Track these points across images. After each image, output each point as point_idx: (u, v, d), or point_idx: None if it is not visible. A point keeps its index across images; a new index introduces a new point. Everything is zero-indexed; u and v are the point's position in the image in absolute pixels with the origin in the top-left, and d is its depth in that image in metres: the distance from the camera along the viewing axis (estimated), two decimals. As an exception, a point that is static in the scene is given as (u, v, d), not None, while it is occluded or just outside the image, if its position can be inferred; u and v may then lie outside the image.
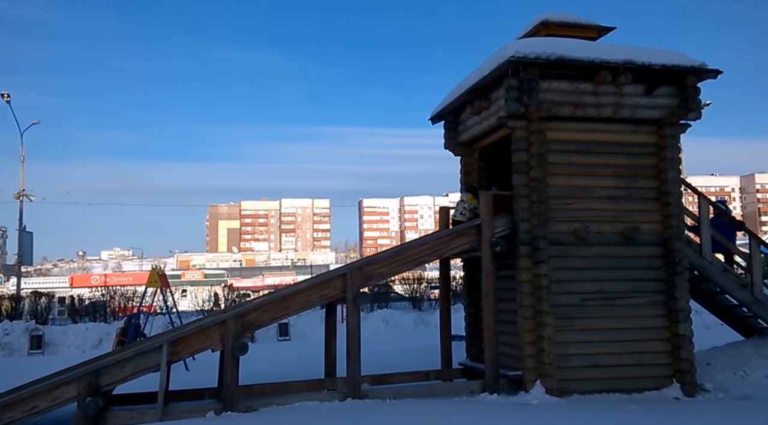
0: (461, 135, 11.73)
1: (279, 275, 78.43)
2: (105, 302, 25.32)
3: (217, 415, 8.23)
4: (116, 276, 73.47)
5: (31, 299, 24.74)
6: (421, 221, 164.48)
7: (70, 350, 18.66)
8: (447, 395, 9.37)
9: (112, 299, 25.40)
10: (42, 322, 22.33)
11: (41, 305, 24.04)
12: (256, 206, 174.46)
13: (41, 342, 18.76)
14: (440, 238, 10.13)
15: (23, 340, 18.87)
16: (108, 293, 26.09)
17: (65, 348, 19.02)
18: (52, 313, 25.98)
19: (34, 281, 67.53)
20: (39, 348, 18.60)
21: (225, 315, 9.07)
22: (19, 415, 7.84)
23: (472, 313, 11.52)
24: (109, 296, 25.70)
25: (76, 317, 24.95)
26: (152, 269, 16.18)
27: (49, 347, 18.91)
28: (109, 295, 25.76)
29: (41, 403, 7.93)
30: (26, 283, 44.62)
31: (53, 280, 76.99)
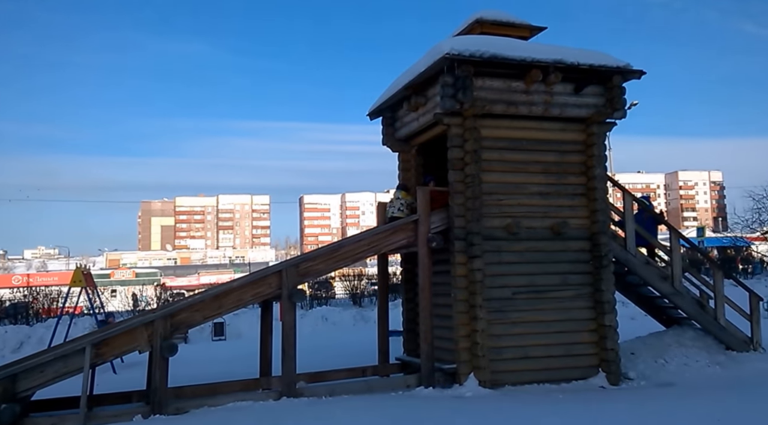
0: (399, 131, 11.78)
1: (216, 274, 76.59)
2: (27, 303, 24.05)
3: (144, 418, 7.97)
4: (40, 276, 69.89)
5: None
6: (363, 217, 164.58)
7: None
8: (383, 390, 9.40)
9: (35, 300, 24.17)
10: (-44, 326, 20.97)
11: None
12: (192, 203, 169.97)
13: (-43, 345, 17.58)
14: (377, 234, 10.14)
15: None
16: (30, 294, 24.82)
17: (-17, 351, 17.91)
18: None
19: (-51, 282, 63.39)
20: (-48, 353, 17.42)
21: (153, 315, 8.78)
22: (-74, 424, 7.36)
23: (409, 308, 11.60)
24: (32, 297, 24.44)
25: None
26: (76, 268, 15.46)
27: (-37, 352, 17.75)
28: (31, 296, 24.51)
29: (-49, 411, 7.44)
30: (-61, 284, 41.84)
31: (-30, 281, 72.49)
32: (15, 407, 7.58)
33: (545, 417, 6.99)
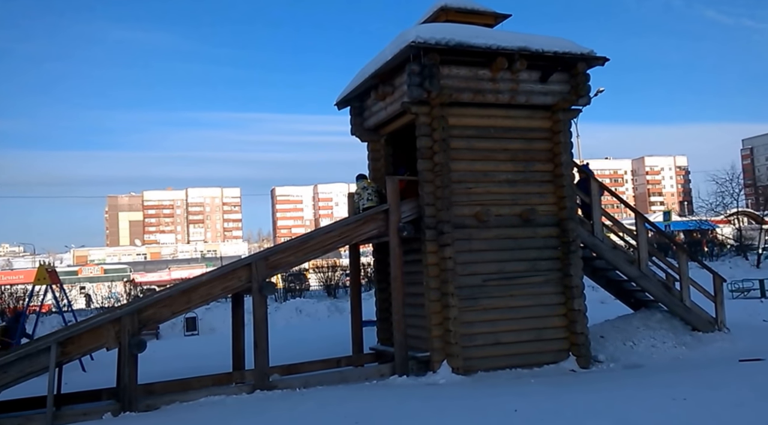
0: (367, 121, 11.73)
1: (187, 268, 75.56)
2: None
3: (114, 416, 7.87)
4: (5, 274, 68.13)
5: None
6: (336, 208, 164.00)
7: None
8: (357, 380, 9.42)
9: (0, 299, 23.63)
10: None
11: None
12: (161, 197, 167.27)
13: None
14: (348, 225, 10.11)
15: None
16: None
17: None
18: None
19: None
20: None
21: (120, 312, 8.63)
22: None
23: (382, 298, 11.62)
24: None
25: (-42, 321, 22.92)
26: (40, 265, 15.12)
27: (-76, 354, 17.24)
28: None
29: None
30: None
31: (-69, 281, 70.35)
32: (-22, 410, 7.39)
33: (517, 401, 7.07)
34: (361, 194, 10.74)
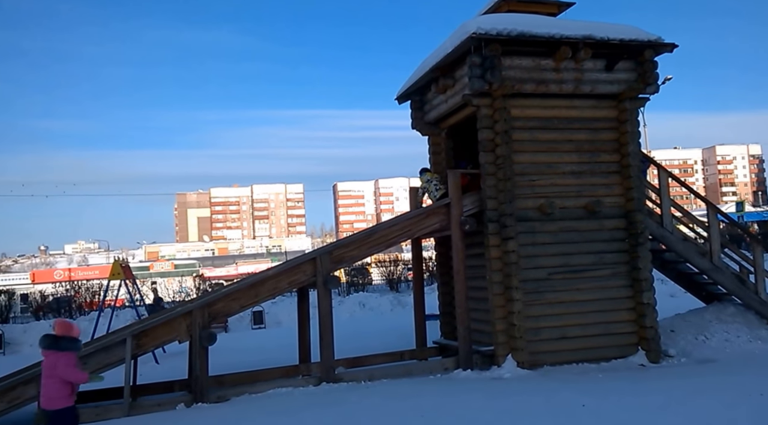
0: (428, 114, 11.69)
1: (253, 263, 77.67)
2: (70, 297, 24.81)
3: (187, 407, 8.15)
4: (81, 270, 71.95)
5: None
6: (397, 203, 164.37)
7: (33, 348, 18.15)
8: (422, 374, 9.45)
9: (77, 294, 24.91)
10: (2, 321, 21.78)
11: (1, 303, 23.41)
12: (227, 193, 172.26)
13: (1, 341, 18.24)
14: (410, 219, 10.13)
15: (-28, 340, 18.30)
16: (72, 288, 25.59)
17: (27, 346, 18.45)
18: (14, 311, 25.32)
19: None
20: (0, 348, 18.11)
21: (191, 306, 8.94)
22: (-24, 417, 7.65)
23: (445, 292, 11.60)
24: (74, 291, 25.20)
25: (39, 315, 24.37)
26: (115, 261, 15.83)
27: (10, 346, 18.38)
28: (74, 290, 25.26)
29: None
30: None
31: (14, 277, 75.17)
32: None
33: (585, 396, 6.92)
34: (427, 187, 10.72)
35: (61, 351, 5.83)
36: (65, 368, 5.82)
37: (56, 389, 5.82)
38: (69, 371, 5.85)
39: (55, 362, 5.80)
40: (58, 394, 5.82)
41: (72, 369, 5.88)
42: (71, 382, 5.89)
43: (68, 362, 5.86)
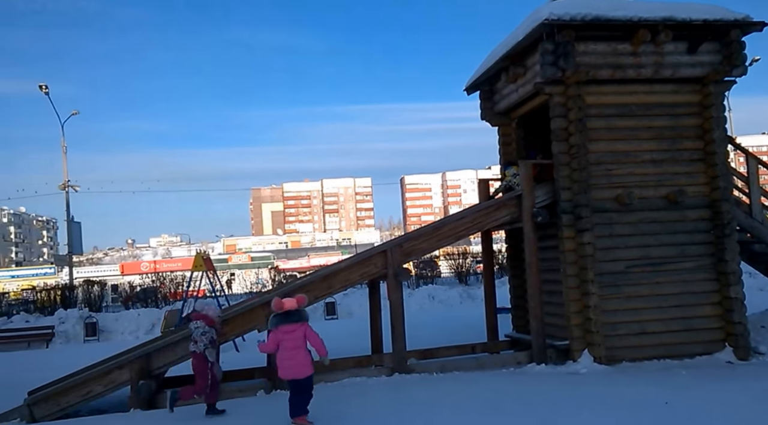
0: (498, 104, 11.53)
1: (324, 256, 79.32)
2: (156, 288, 26.14)
3: (267, 394, 8.44)
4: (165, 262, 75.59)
5: (84, 288, 25.67)
6: (465, 195, 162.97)
7: (124, 336, 19.30)
8: (494, 367, 9.37)
9: (162, 285, 26.19)
10: (96, 310, 23.18)
11: (94, 293, 24.94)
12: (299, 188, 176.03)
13: (96, 329, 19.41)
14: (480, 211, 10.04)
15: (78, 328, 19.58)
16: (158, 279, 26.94)
17: (119, 334, 19.67)
18: (105, 301, 26.95)
19: (86, 270, 70.32)
20: (94, 335, 19.26)
21: (269, 296, 9.22)
22: (75, 399, 8.18)
23: (516, 285, 11.44)
24: (159, 282, 26.53)
25: (129, 304, 25.82)
26: (197, 253, 16.53)
27: (103, 333, 19.57)
28: (159, 281, 26.59)
29: (96, 387, 8.25)
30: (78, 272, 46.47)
31: (105, 268, 79.87)
32: (151, 383, 8.27)
33: (667, 393, 6.67)
34: (512, 181, 10.59)
35: (302, 322, 6.43)
36: (316, 337, 6.45)
37: (305, 357, 6.42)
38: (318, 338, 6.48)
39: (303, 333, 6.38)
40: (307, 362, 6.42)
41: (318, 337, 6.49)
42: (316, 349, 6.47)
43: (313, 330, 6.49)
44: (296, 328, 6.44)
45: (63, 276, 50.14)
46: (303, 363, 6.43)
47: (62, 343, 18.96)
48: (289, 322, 6.46)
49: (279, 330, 6.49)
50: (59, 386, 8.35)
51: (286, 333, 6.45)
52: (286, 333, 6.45)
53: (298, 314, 6.51)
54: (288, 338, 6.45)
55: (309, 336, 6.45)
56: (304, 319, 6.53)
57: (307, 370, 6.46)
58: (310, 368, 6.51)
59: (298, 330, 6.43)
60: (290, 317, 6.48)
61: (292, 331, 6.44)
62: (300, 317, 6.50)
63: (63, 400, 8.11)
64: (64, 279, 40.15)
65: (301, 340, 6.42)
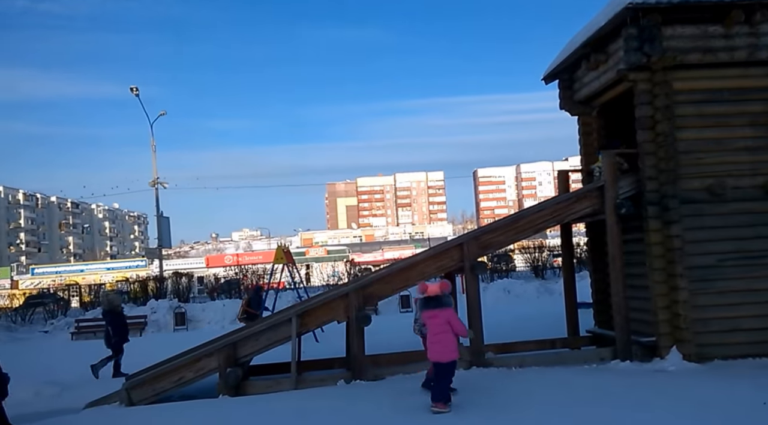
0: (577, 93, 11.19)
1: (398, 249, 79.87)
2: (238, 280, 27.17)
3: (347, 383, 8.59)
4: (247, 255, 78.23)
5: (173, 279, 27.07)
6: (540, 188, 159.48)
7: (210, 325, 20.19)
8: (575, 363, 9.15)
9: (244, 277, 27.20)
10: (184, 300, 24.36)
11: (182, 285, 26.23)
12: (372, 182, 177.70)
13: (184, 318, 20.43)
14: (560, 203, 9.80)
15: (168, 317, 20.66)
16: (241, 271, 27.99)
17: (206, 323, 20.61)
18: (192, 292, 28.31)
19: (175, 262, 73.80)
20: (183, 324, 20.27)
21: (347, 288, 9.39)
22: (168, 385, 8.62)
23: (598, 279, 11.09)
24: (242, 274, 27.56)
25: (214, 295, 26.98)
26: (278, 246, 17.03)
27: (191, 323, 20.56)
28: (241, 273, 27.62)
29: (187, 374, 8.65)
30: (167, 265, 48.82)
31: (191, 261, 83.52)
32: (238, 371, 8.61)
33: (765, 394, 6.29)
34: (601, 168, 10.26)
35: (446, 308, 6.60)
36: (459, 323, 6.64)
37: (451, 342, 6.58)
38: (459, 325, 6.64)
39: (447, 318, 6.58)
40: (452, 347, 6.61)
41: (460, 323, 6.67)
42: (458, 335, 6.66)
43: (455, 315, 6.68)
44: (437, 314, 6.59)
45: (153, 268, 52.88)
46: (446, 348, 6.54)
47: (154, 332, 20.07)
48: (430, 307, 6.65)
49: (423, 314, 6.74)
50: (153, 372, 8.84)
51: (429, 318, 6.67)
52: (429, 318, 6.67)
53: (438, 300, 6.63)
54: (431, 322, 6.66)
55: (451, 322, 6.56)
56: (445, 305, 6.63)
57: (449, 355, 6.55)
58: (454, 353, 6.60)
59: (440, 315, 6.57)
60: (431, 302, 6.66)
61: (434, 316, 6.62)
62: (440, 303, 6.62)
63: (157, 386, 8.57)
64: (154, 271, 42.37)
65: (443, 325, 6.53)
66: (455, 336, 6.67)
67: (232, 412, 7.38)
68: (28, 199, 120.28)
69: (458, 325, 6.64)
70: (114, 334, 11.69)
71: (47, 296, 31.14)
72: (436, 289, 6.67)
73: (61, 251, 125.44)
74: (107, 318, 12.05)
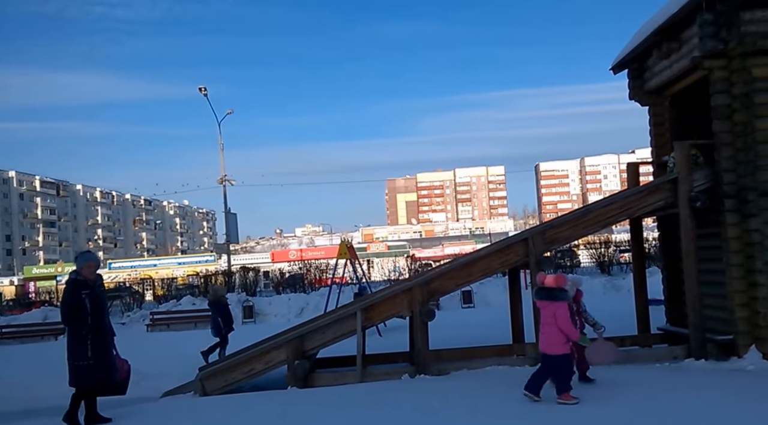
0: (648, 83, 10.81)
1: (458, 245, 79.37)
2: (303, 274, 27.74)
3: (411, 378, 8.63)
4: (310, 251, 79.66)
5: (240, 274, 27.90)
6: (605, 181, 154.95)
7: (277, 318, 20.69)
8: (646, 361, 8.88)
9: (308, 271, 27.75)
10: (251, 294, 25.07)
11: (249, 279, 27.00)
12: (432, 178, 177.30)
13: (252, 311, 21.01)
14: (630, 196, 9.52)
15: (237, 310, 21.25)
16: (305, 266, 28.56)
17: (272, 316, 21.13)
18: (259, 286, 29.09)
19: (242, 257, 75.90)
20: (251, 318, 20.85)
21: (411, 283, 9.43)
22: (239, 376, 8.90)
23: (670, 275, 10.69)
24: (305, 269, 28.12)
25: (279, 289, 27.65)
26: (341, 242, 17.25)
27: (259, 316, 21.12)
28: (305, 268, 28.19)
29: (257, 366, 8.91)
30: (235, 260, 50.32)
31: (257, 256, 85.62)
32: (305, 363, 8.81)
33: None
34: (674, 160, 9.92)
35: (555, 301, 6.62)
36: (563, 319, 6.52)
37: (555, 336, 6.54)
38: (566, 323, 6.53)
39: (554, 311, 6.59)
40: (556, 340, 6.58)
41: (568, 323, 6.57)
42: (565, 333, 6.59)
43: (565, 313, 6.62)
44: (547, 305, 6.61)
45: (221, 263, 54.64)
46: (552, 340, 6.53)
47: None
48: (541, 298, 6.71)
49: (537, 303, 6.81)
50: (225, 363, 9.16)
51: (541, 308, 6.72)
52: (541, 309, 6.72)
53: (548, 291, 6.65)
54: (542, 313, 6.71)
55: (557, 316, 6.49)
56: (556, 298, 6.58)
57: (555, 348, 6.51)
58: (561, 347, 6.51)
59: (549, 307, 6.58)
60: (542, 293, 6.70)
61: (544, 307, 6.65)
62: (550, 296, 6.61)
63: (229, 376, 8.86)
64: (222, 266, 43.77)
65: (551, 318, 6.53)
66: (561, 331, 6.53)
67: (300, 403, 7.55)
68: (104, 197, 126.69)
69: (564, 322, 6.49)
70: (224, 324, 12.12)
71: (123, 289, 32.69)
72: (551, 281, 6.66)
73: (135, 247, 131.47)
74: (214, 309, 12.49)
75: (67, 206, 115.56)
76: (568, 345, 6.59)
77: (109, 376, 6.94)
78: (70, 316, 6.81)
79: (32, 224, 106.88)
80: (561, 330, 6.49)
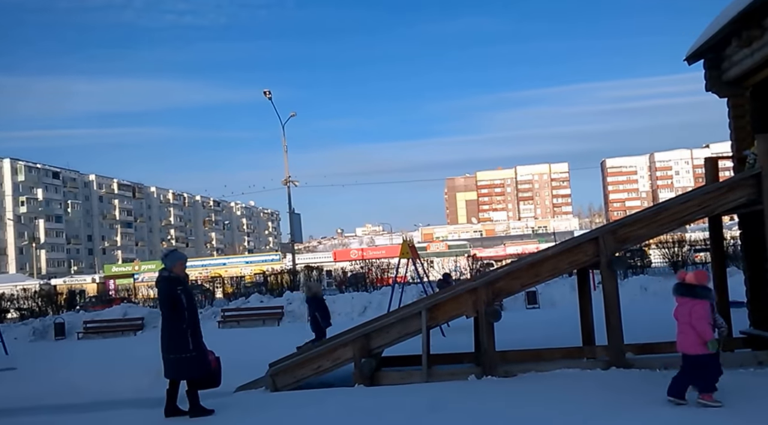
0: (726, 73, 10.26)
1: (520, 244, 77.98)
2: (364, 273, 27.95)
3: (477, 379, 8.50)
4: (371, 250, 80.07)
5: (304, 272, 28.40)
6: (677, 177, 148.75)
7: (341, 317, 20.85)
8: (729, 366, 8.32)
9: (369, 270, 27.94)
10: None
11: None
12: (492, 176, 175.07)
13: (317, 309, 21.28)
14: (709, 193, 9.06)
15: (303, 308, 21.61)
16: (366, 265, 28.77)
17: (336, 315, 21.24)
18: (323, 284, 29.48)
19: (305, 257, 77.17)
20: (315, 315, 21.12)
21: (476, 283, 9.30)
22: (308, 373, 9.01)
23: (753, 276, 10.11)
24: (367, 268, 28.32)
25: (342, 288, 27.94)
26: (403, 241, 17.26)
27: (323, 315, 21.37)
28: (367, 267, 28.39)
29: (324, 363, 9.00)
30: (299, 259, 51.28)
31: (320, 255, 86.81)
32: (372, 361, 8.84)
33: None
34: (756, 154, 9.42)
35: (695, 299, 6.47)
36: (698, 319, 6.30)
37: (693, 334, 6.35)
38: (701, 322, 6.28)
39: (690, 309, 6.43)
40: (693, 340, 6.37)
41: (704, 322, 6.28)
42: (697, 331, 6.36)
43: (702, 312, 6.32)
44: (685, 302, 6.42)
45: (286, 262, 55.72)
46: (690, 340, 6.35)
47: (290, 321, 21.17)
48: (679, 294, 6.53)
49: (675, 299, 6.61)
50: (295, 360, 9.30)
51: (679, 305, 6.51)
52: (679, 306, 6.51)
53: (686, 288, 6.47)
54: (679, 310, 6.50)
55: (692, 314, 6.29)
56: (693, 295, 6.37)
57: (692, 348, 6.33)
58: (697, 347, 6.30)
59: (686, 304, 6.39)
60: (680, 289, 6.52)
61: (681, 304, 6.46)
62: (687, 292, 6.42)
63: (298, 373, 8.98)
64: (287, 265, 44.66)
65: (687, 316, 6.35)
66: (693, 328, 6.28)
67: (367, 401, 7.57)
68: (176, 198, 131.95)
69: (698, 319, 6.23)
70: (322, 318, 12.39)
71: (195, 287, 33.85)
72: (692, 278, 6.46)
73: (205, 246, 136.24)
74: (312, 304, 12.80)
75: (143, 207, 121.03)
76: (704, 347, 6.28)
77: (209, 368, 7.21)
78: (171, 310, 7.09)
79: (111, 225, 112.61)
80: (693, 326, 6.23)
